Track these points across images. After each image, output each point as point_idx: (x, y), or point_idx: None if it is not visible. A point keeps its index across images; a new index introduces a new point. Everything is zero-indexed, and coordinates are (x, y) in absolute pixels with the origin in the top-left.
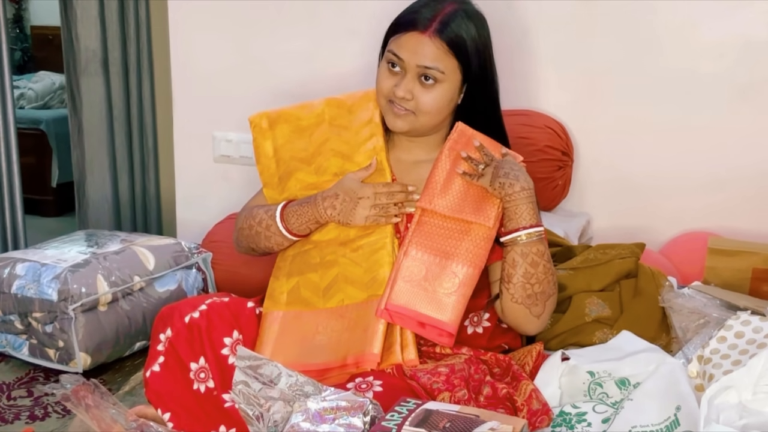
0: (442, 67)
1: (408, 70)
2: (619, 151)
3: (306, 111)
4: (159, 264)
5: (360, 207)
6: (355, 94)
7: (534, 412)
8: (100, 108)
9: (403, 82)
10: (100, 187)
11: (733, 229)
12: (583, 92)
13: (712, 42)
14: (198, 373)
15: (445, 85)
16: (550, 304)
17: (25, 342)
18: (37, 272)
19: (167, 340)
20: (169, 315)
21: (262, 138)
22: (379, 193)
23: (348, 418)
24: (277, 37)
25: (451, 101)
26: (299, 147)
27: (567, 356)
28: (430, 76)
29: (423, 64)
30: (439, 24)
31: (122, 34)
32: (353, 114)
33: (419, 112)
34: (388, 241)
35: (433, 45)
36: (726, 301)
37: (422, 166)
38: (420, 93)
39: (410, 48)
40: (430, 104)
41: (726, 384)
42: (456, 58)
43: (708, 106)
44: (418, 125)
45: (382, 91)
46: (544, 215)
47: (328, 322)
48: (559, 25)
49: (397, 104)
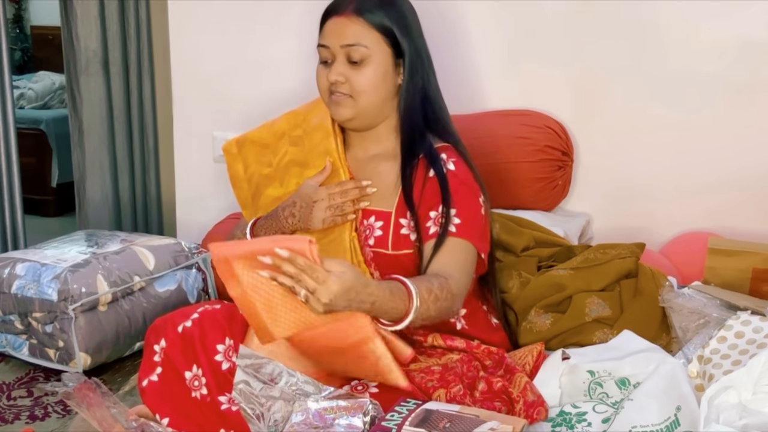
0: (364, 41)
1: (336, 55)
2: (619, 151)
3: (267, 130)
4: (159, 264)
5: (316, 210)
6: (309, 102)
7: (530, 403)
8: (100, 108)
9: (333, 66)
10: (100, 187)
11: (733, 229)
12: (583, 92)
13: (712, 42)
14: (192, 381)
15: (374, 61)
16: None
17: (25, 342)
18: (37, 272)
19: (162, 351)
20: (163, 326)
21: (233, 161)
22: (333, 193)
23: (348, 418)
24: (277, 37)
25: (386, 77)
26: (265, 164)
27: (567, 355)
28: (355, 54)
29: (345, 43)
30: (355, 4)
31: (122, 34)
32: (307, 121)
33: (356, 93)
34: (345, 237)
35: (352, 23)
36: (726, 301)
37: (377, 161)
38: (352, 74)
39: (332, 32)
40: (364, 83)
41: (726, 384)
42: (378, 31)
43: (708, 107)
44: (360, 108)
45: (321, 87)
46: (544, 215)
47: None
48: (558, 25)
49: (335, 92)
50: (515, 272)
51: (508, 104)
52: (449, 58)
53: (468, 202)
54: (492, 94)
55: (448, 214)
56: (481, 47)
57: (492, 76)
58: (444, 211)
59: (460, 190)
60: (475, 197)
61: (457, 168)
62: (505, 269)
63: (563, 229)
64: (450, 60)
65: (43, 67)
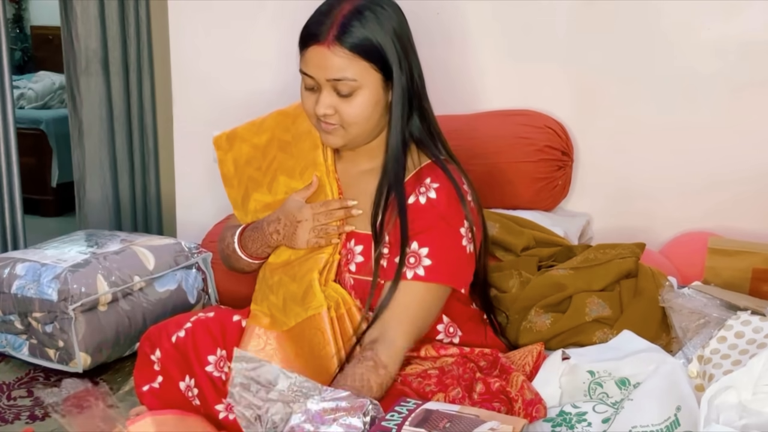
0: (351, 75)
1: (322, 86)
2: (619, 151)
3: (256, 128)
4: (159, 264)
5: (300, 230)
6: (298, 103)
7: (528, 402)
8: (100, 108)
9: (320, 98)
10: (100, 187)
11: (733, 229)
12: (583, 92)
13: (713, 42)
14: (186, 391)
15: (364, 92)
16: None
17: (25, 342)
18: (37, 272)
19: (159, 361)
20: (157, 336)
21: (224, 155)
22: (318, 213)
23: (348, 419)
24: (277, 37)
25: (378, 103)
26: (255, 166)
27: (567, 356)
28: (343, 88)
29: (332, 77)
30: (337, 31)
31: (122, 33)
32: (296, 126)
33: (346, 124)
34: (324, 255)
35: (335, 56)
36: (726, 301)
37: (366, 177)
38: (341, 106)
39: (315, 63)
40: (354, 115)
41: (726, 384)
42: (364, 59)
43: (708, 106)
44: (351, 137)
45: (308, 112)
46: (545, 215)
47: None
48: (558, 25)
49: (324, 121)
50: (515, 272)
51: (508, 104)
52: (449, 58)
53: (443, 239)
54: (492, 93)
55: (403, 254)
56: (481, 46)
57: (492, 76)
58: (404, 251)
59: (437, 226)
60: (454, 230)
61: (439, 196)
62: (505, 269)
63: (563, 229)
64: (450, 59)
65: (43, 67)
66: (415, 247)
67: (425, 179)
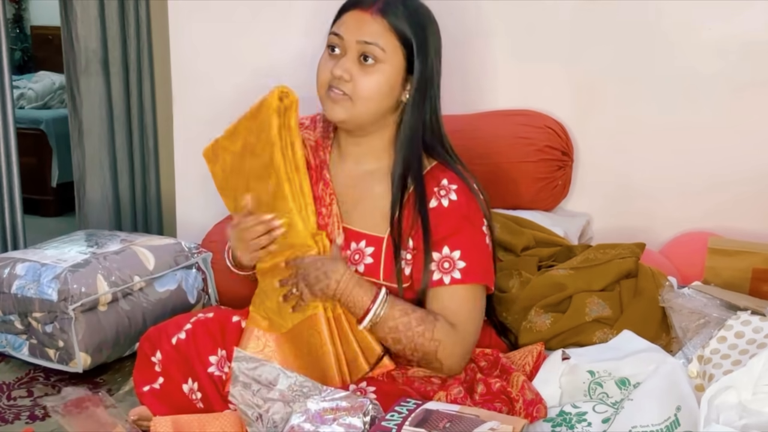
0: (382, 43)
1: (348, 49)
2: (619, 151)
3: (231, 135)
4: (159, 264)
5: (240, 253)
6: (257, 103)
7: (529, 402)
8: (100, 108)
9: (341, 60)
10: (100, 187)
11: (733, 229)
12: (583, 92)
13: (713, 42)
14: (190, 394)
15: (386, 68)
16: (430, 349)
17: (25, 342)
18: (37, 272)
19: (159, 363)
20: (157, 337)
21: (213, 167)
22: (239, 231)
23: (348, 419)
24: (278, 37)
25: (392, 89)
26: (237, 173)
27: (567, 356)
28: (370, 54)
29: (363, 39)
30: (382, 4)
31: (122, 33)
32: (258, 121)
33: (357, 97)
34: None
35: (374, 22)
36: (726, 301)
37: (372, 179)
38: (359, 75)
39: (351, 25)
40: (369, 88)
41: (726, 384)
42: (398, 39)
43: (708, 106)
44: (356, 113)
45: (321, 79)
46: (545, 215)
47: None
48: (559, 25)
49: (335, 88)
50: (515, 272)
51: (508, 104)
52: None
53: (471, 239)
54: (491, 93)
55: (428, 258)
56: (481, 47)
57: (491, 76)
58: (428, 256)
59: (463, 227)
60: (478, 229)
61: (460, 197)
62: (505, 269)
63: (563, 229)
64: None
65: (43, 67)
66: (447, 252)
67: (441, 180)
